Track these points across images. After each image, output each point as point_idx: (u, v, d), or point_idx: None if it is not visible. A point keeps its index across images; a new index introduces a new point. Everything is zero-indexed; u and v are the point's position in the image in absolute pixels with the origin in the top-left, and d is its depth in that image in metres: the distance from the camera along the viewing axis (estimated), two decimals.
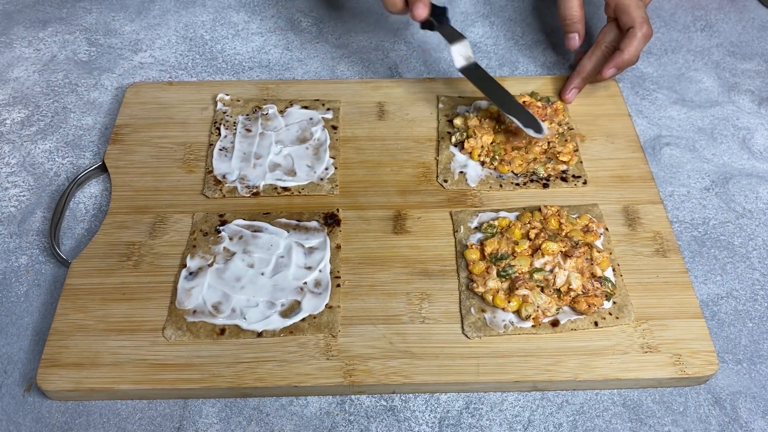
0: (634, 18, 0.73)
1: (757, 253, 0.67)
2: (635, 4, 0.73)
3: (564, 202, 0.68)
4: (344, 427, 0.56)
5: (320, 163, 0.72)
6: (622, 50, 0.74)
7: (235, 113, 0.77)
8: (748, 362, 0.60)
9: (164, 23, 0.92)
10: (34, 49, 0.88)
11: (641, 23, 0.73)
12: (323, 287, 0.61)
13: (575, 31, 0.78)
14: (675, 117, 0.81)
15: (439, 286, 0.62)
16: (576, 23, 0.77)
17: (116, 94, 0.83)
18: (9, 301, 0.63)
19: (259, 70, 0.86)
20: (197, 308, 0.60)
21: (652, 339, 0.58)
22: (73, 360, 0.57)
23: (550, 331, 0.59)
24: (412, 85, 0.81)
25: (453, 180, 0.71)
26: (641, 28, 0.73)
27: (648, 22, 0.73)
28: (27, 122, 0.79)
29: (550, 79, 0.82)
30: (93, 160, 0.75)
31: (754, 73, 0.86)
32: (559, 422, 0.56)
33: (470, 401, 0.57)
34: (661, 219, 0.67)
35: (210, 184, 0.70)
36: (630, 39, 0.73)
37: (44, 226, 0.69)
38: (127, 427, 0.55)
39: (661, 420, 0.56)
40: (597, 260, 0.61)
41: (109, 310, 0.60)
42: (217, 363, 0.57)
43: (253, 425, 0.56)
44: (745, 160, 0.76)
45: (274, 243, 0.64)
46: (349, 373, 0.56)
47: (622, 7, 0.74)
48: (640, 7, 0.74)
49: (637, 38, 0.73)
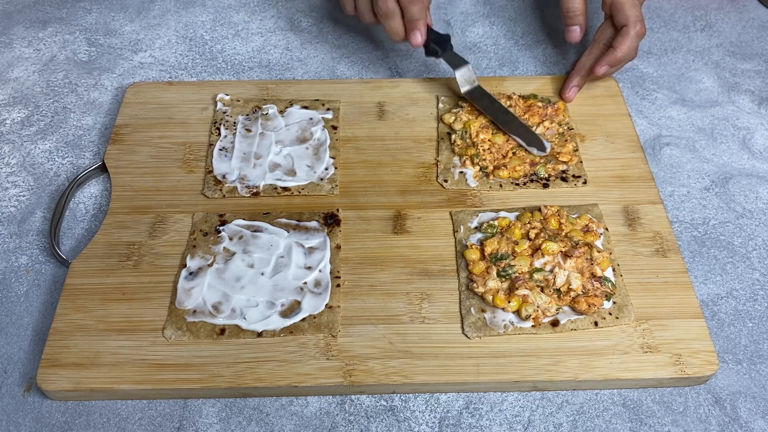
0: (628, 16, 0.73)
1: (757, 253, 0.67)
2: (630, 3, 0.73)
3: (564, 202, 0.68)
4: (344, 427, 0.56)
5: (320, 163, 0.72)
6: (614, 48, 0.74)
7: (235, 113, 0.77)
8: (748, 362, 0.60)
9: (164, 23, 0.92)
10: (34, 49, 0.88)
11: (635, 21, 0.73)
12: (323, 287, 0.61)
13: (577, 24, 0.77)
14: (675, 117, 0.81)
15: (439, 286, 0.62)
16: (578, 16, 0.77)
17: (116, 94, 0.83)
18: (9, 301, 0.63)
19: (259, 70, 0.86)
20: (197, 308, 0.60)
21: (652, 339, 0.58)
22: (73, 360, 0.57)
23: (550, 331, 0.59)
24: (412, 85, 0.81)
25: (453, 180, 0.71)
26: (635, 26, 0.73)
27: (642, 21, 0.73)
28: (27, 122, 0.79)
29: (550, 79, 0.82)
30: (93, 160, 0.75)
31: (754, 73, 0.86)
32: (559, 422, 0.56)
33: (470, 401, 0.57)
34: (661, 219, 0.67)
35: (210, 184, 0.70)
36: (623, 37, 0.73)
37: (44, 226, 0.69)
38: (127, 427, 0.55)
39: (661, 420, 0.56)
40: (597, 260, 0.61)
41: (109, 310, 0.60)
42: (217, 363, 0.57)
43: (253, 425, 0.56)
44: (745, 160, 0.76)
45: (274, 243, 0.64)
46: (349, 373, 0.56)
47: (618, 5, 0.74)
48: (636, 5, 0.73)
49: (630, 36, 0.73)
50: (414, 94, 0.80)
